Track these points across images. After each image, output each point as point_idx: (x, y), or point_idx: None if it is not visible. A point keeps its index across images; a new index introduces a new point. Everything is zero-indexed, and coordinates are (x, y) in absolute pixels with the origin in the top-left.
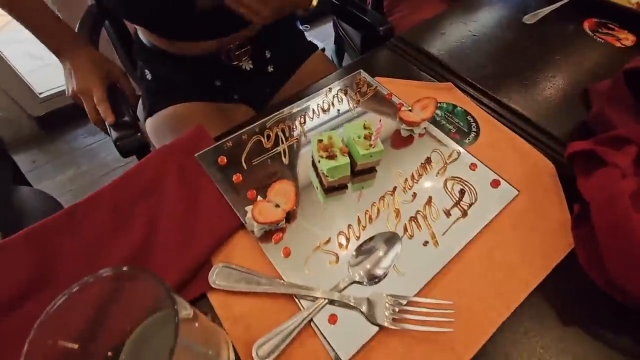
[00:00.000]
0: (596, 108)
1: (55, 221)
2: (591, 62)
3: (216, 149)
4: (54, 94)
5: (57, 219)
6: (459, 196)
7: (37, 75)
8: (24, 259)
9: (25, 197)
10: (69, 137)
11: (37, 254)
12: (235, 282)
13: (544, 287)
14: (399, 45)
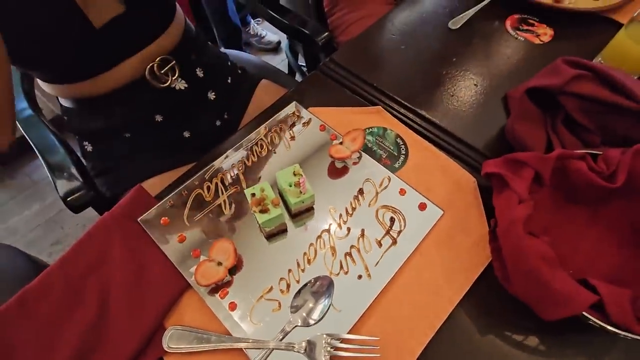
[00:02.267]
0: (509, 123)
1: (8, 311)
2: (513, 63)
3: (158, 209)
4: None
5: (9, 309)
6: (389, 224)
7: None
8: None
9: None
10: (29, 170)
11: None
12: (187, 344)
13: (466, 299)
14: (332, 68)
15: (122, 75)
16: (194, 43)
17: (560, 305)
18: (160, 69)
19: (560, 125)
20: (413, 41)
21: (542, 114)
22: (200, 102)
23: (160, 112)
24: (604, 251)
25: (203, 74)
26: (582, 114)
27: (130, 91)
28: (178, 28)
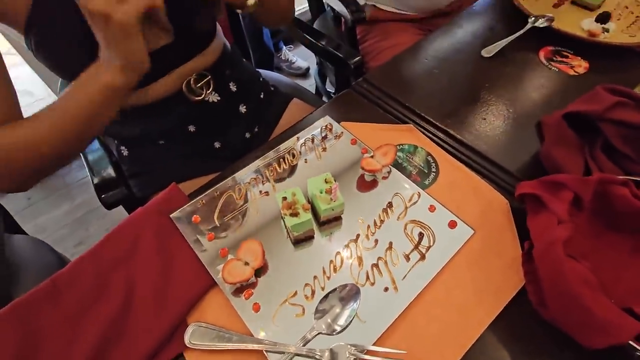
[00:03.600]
0: (545, 147)
1: (39, 293)
2: (546, 92)
3: (190, 207)
4: None
5: (40, 291)
6: (417, 239)
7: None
8: (10, 334)
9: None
10: (63, 172)
11: (22, 328)
12: (208, 341)
13: (497, 322)
14: (365, 87)
15: (161, 88)
16: (230, 59)
17: (603, 333)
18: (196, 83)
19: (599, 152)
20: (446, 66)
21: (580, 140)
22: (231, 115)
23: (193, 123)
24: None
25: (236, 88)
26: (623, 141)
27: (167, 103)
28: (217, 47)
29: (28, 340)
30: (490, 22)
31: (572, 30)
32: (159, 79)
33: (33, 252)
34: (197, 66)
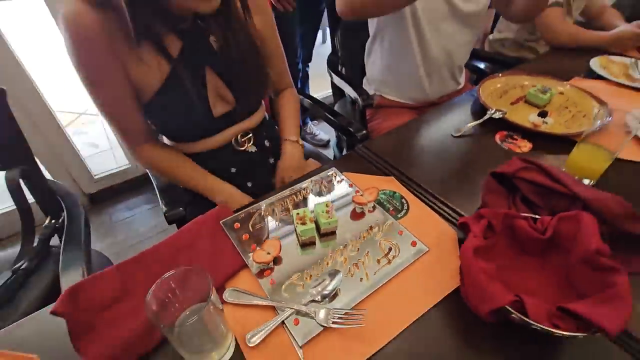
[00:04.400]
0: (482, 196)
1: (133, 260)
2: (496, 163)
3: (234, 218)
4: (105, 175)
5: (132, 261)
6: (387, 251)
7: (93, 160)
8: (115, 280)
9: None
10: (111, 211)
11: (122, 278)
12: (238, 299)
13: (436, 307)
14: (364, 151)
15: (219, 139)
16: (267, 125)
17: (490, 301)
18: (242, 138)
19: (518, 200)
20: (424, 139)
21: (505, 192)
22: (263, 164)
23: (235, 166)
24: (537, 284)
25: (269, 144)
26: (534, 195)
27: (219, 151)
28: (259, 115)
29: (126, 285)
30: (463, 111)
31: (521, 121)
32: (217, 135)
33: (99, 261)
34: (245, 127)
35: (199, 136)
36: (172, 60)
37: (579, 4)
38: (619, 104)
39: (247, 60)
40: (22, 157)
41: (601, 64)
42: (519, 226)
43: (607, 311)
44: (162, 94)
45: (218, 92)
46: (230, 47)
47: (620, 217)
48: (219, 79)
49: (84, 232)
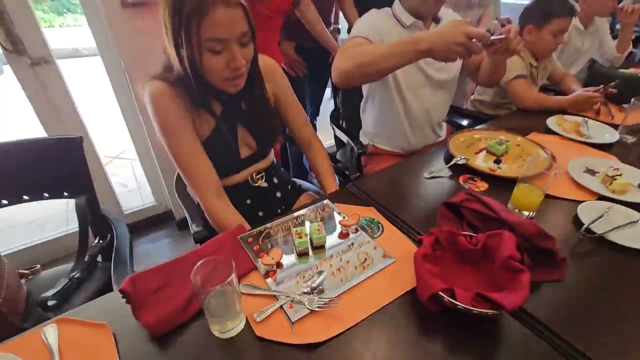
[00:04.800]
0: (438, 219)
1: (171, 262)
2: None
3: (248, 234)
4: (133, 211)
5: (171, 262)
6: (363, 260)
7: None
8: (158, 274)
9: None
10: (135, 243)
11: (164, 273)
12: (249, 290)
13: (397, 301)
14: (352, 187)
15: (239, 177)
16: (275, 166)
17: (428, 289)
18: (256, 176)
19: (465, 225)
20: (401, 180)
21: (455, 218)
22: (272, 197)
23: (250, 198)
24: (472, 284)
25: (277, 181)
26: (475, 220)
27: (239, 185)
28: (270, 158)
29: (167, 278)
30: (436, 158)
31: (480, 167)
32: (240, 172)
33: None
34: (259, 167)
35: (227, 173)
36: (216, 118)
37: (542, 74)
38: (567, 154)
39: (265, 118)
40: (86, 188)
41: (556, 122)
42: (459, 241)
43: (509, 296)
44: (209, 140)
45: (244, 140)
46: (254, 110)
47: (534, 236)
48: (246, 130)
49: (129, 250)
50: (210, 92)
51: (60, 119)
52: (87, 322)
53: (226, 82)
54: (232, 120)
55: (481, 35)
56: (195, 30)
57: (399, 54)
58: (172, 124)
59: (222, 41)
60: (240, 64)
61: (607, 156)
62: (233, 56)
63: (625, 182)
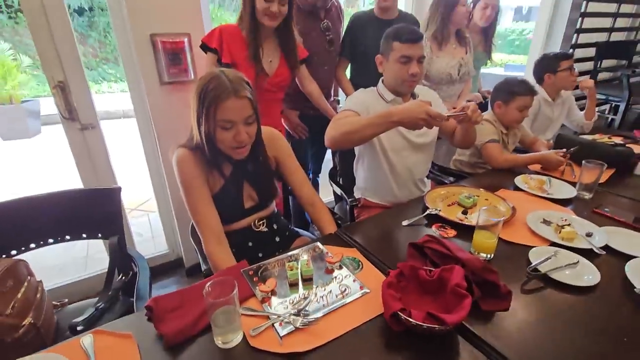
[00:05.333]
0: (407, 257)
1: (186, 289)
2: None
3: (250, 268)
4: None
5: (187, 289)
6: (343, 290)
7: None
8: (175, 298)
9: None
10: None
11: (179, 297)
12: (248, 312)
13: (368, 323)
14: (340, 233)
15: (243, 223)
16: (275, 215)
17: (389, 309)
18: (258, 222)
19: (428, 262)
20: (381, 228)
21: (420, 256)
22: (271, 241)
23: (251, 241)
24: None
25: (276, 227)
26: (436, 258)
27: (243, 230)
28: (271, 208)
29: (182, 300)
30: (416, 209)
31: (450, 216)
32: (244, 219)
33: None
34: (261, 215)
35: (233, 220)
36: (225, 178)
37: (512, 140)
38: (529, 208)
39: (266, 178)
40: (118, 230)
41: (522, 180)
42: (420, 274)
43: (452, 316)
44: (219, 193)
45: (249, 193)
46: (257, 171)
47: (480, 270)
48: (250, 187)
49: (149, 284)
50: (222, 156)
51: (96, 172)
52: (117, 333)
53: (232, 150)
54: (240, 178)
55: (437, 115)
56: (213, 113)
57: (377, 124)
58: (190, 182)
59: (231, 122)
60: (244, 139)
61: (564, 210)
62: (238, 133)
63: (570, 230)
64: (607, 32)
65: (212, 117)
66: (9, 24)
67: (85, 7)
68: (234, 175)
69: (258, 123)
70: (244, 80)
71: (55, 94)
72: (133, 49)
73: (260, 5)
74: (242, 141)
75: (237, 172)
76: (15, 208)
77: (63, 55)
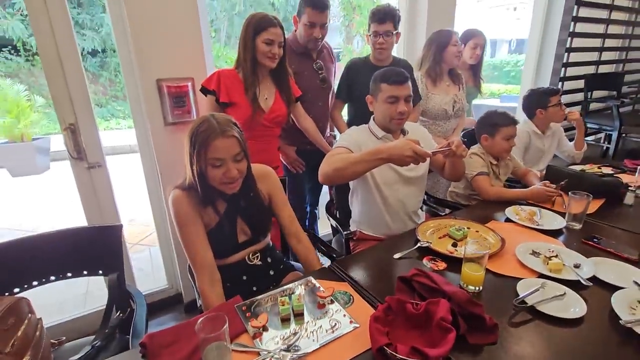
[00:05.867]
0: (395, 291)
1: (180, 325)
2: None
3: (243, 304)
4: (148, 293)
5: (181, 324)
6: (334, 324)
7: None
8: (170, 333)
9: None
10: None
11: (174, 333)
12: (239, 348)
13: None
14: (333, 267)
15: (237, 256)
16: (270, 249)
17: (375, 343)
18: (252, 255)
19: (416, 295)
20: (374, 260)
21: (408, 289)
22: (265, 274)
23: (246, 275)
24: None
25: (270, 260)
26: (423, 291)
27: (237, 263)
28: (265, 242)
29: (176, 337)
30: (405, 242)
31: (441, 249)
32: (238, 253)
33: None
34: (255, 249)
35: (227, 254)
36: (219, 215)
37: (504, 171)
38: (519, 239)
39: (258, 213)
40: (118, 266)
41: (513, 212)
42: (407, 308)
43: (436, 350)
44: (213, 229)
45: (242, 228)
46: (250, 206)
47: (464, 302)
48: (244, 221)
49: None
50: (215, 193)
51: (100, 209)
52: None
53: (224, 186)
54: (233, 214)
55: (423, 153)
56: (203, 153)
57: (366, 161)
58: (184, 221)
59: (220, 159)
60: (234, 175)
61: (554, 241)
62: (228, 170)
63: (557, 262)
64: (595, 65)
65: (203, 156)
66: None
67: (98, 49)
68: (229, 210)
69: (247, 160)
70: (231, 121)
71: (66, 136)
72: (140, 92)
73: (262, 48)
74: (232, 177)
75: (230, 207)
76: (19, 247)
77: (75, 98)
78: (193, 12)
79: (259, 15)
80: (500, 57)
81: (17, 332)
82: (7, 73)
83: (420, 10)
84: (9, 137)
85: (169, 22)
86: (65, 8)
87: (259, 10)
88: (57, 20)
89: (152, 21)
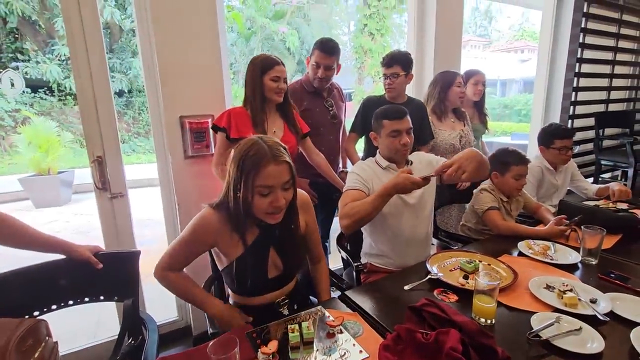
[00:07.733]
0: (405, 320)
1: (192, 349)
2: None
3: (253, 331)
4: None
5: (193, 349)
6: (342, 354)
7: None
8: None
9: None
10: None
11: (187, 357)
12: None
13: None
14: (345, 297)
15: (265, 300)
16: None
17: None
18: (282, 302)
19: (426, 326)
20: (384, 291)
21: (418, 320)
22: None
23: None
24: None
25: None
26: (433, 321)
27: (266, 306)
28: (292, 284)
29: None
30: (416, 273)
31: (453, 281)
32: (267, 293)
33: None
34: (283, 291)
35: (255, 292)
36: (246, 245)
37: (515, 206)
38: (532, 273)
39: (294, 246)
40: (133, 292)
41: (525, 246)
42: (416, 337)
43: None
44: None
45: (274, 261)
46: (286, 238)
47: (475, 333)
48: (276, 254)
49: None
50: (252, 220)
51: (118, 236)
52: None
53: (267, 216)
54: (266, 245)
55: (417, 182)
56: (252, 180)
57: (380, 202)
58: (197, 237)
59: (269, 187)
60: (281, 204)
61: (569, 276)
62: (276, 199)
63: (572, 296)
64: (604, 103)
65: (251, 183)
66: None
67: (125, 89)
68: (260, 240)
69: (294, 189)
70: (281, 145)
71: (93, 167)
72: (164, 128)
73: (270, 85)
74: (279, 207)
75: (263, 237)
76: (41, 270)
77: (105, 133)
78: (216, 56)
79: (262, 56)
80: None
81: (35, 354)
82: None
83: (426, 54)
84: (36, 170)
85: (194, 66)
86: (104, 55)
87: (276, 54)
88: (95, 65)
89: (179, 65)
